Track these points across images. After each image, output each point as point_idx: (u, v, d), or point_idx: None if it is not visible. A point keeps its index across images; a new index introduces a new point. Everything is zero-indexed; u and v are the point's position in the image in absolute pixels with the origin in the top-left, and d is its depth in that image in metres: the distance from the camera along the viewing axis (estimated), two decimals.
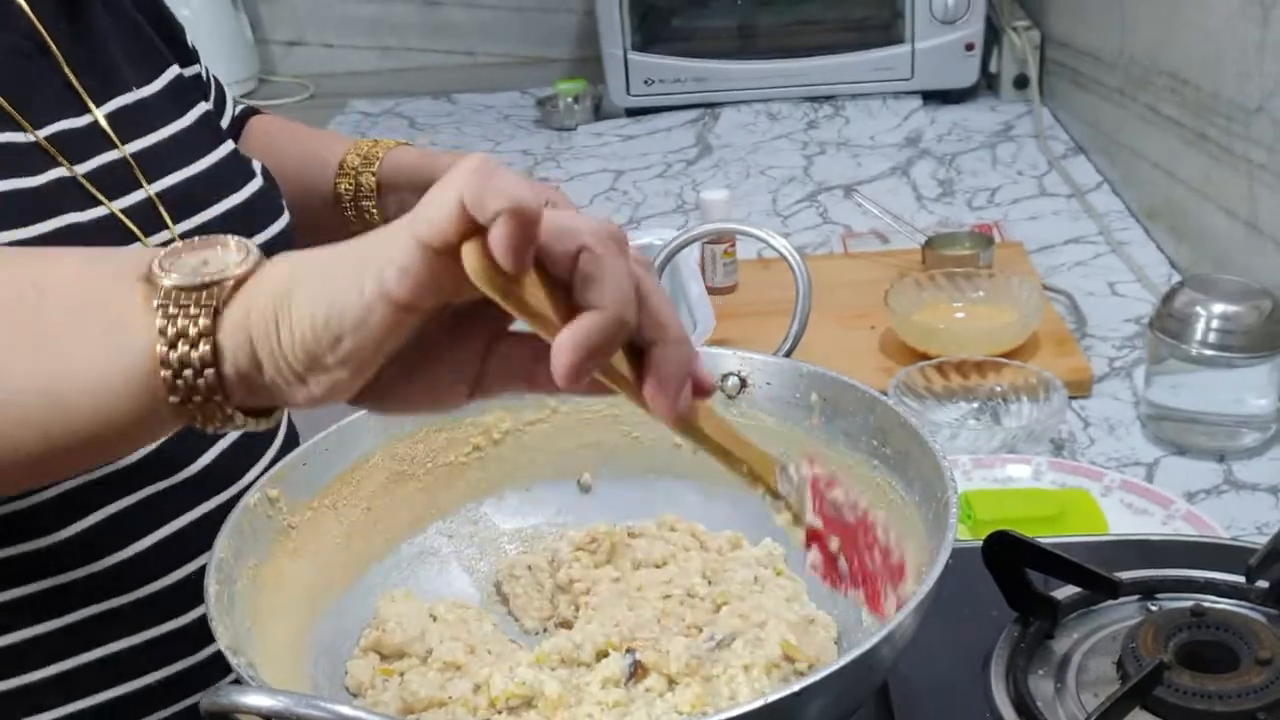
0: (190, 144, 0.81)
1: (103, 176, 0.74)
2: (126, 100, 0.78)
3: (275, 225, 0.84)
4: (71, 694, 0.73)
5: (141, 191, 0.76)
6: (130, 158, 0.76)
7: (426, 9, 2.34)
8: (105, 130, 0.76)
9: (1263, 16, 1.17)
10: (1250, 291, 1.05)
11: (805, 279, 0.80)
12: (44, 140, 0.72)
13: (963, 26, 1.91)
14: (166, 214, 0.76)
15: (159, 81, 0.82)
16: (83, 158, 0.74)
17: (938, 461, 0.63)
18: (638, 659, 0.62)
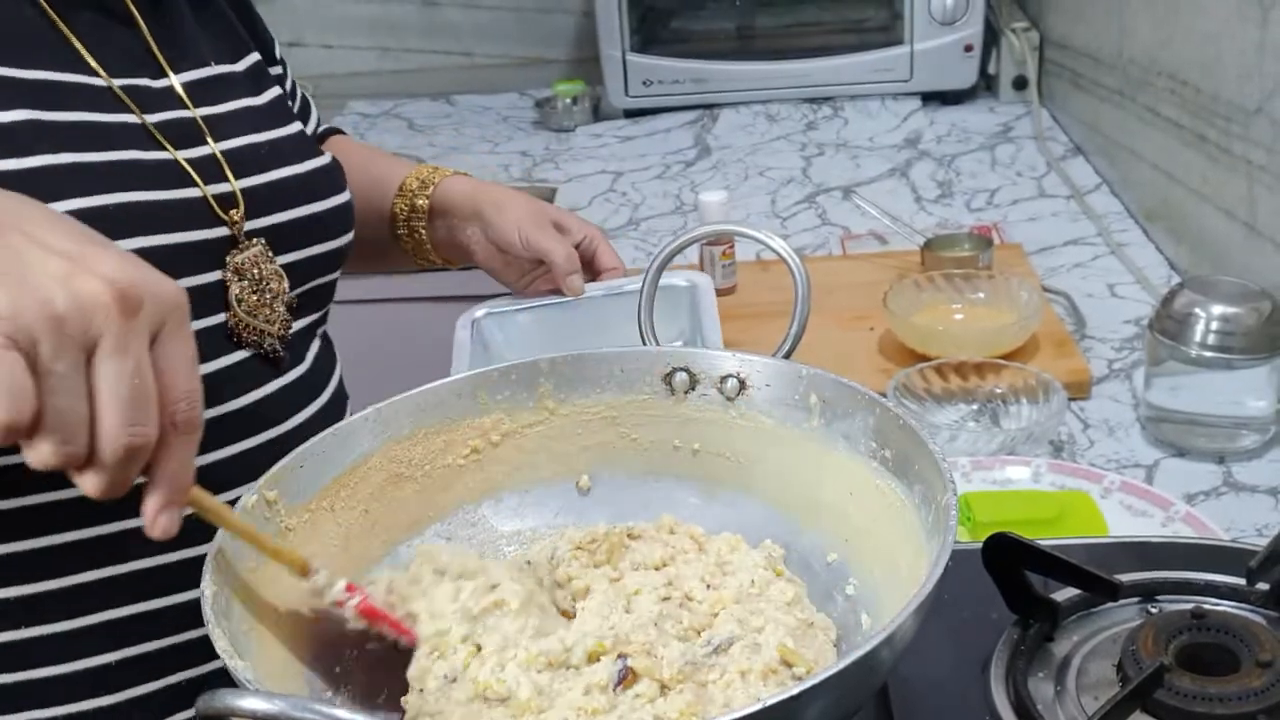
0: (259, 117, 0.85)
1: (171, 128, 0.78)
2: (204, 73, 0.82)
3: (334, 199, 0.87)
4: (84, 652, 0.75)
5: (207, 147, 0.79)
6: (200, 119, 0.80)
7: (425, 10, 2.34)
8: (179, 94, 0.80)
9: (1262, 18, 1.17)
10: (1250, 293, 1.05)
11: (804, 281, 0.80)
12: (118, 88, 0.76)
13: (962, 28, 1.91)
14: (229, 171, 0.80)
15: (240, 63, 0.87)
16: (154, 110, 0.77)
17: (937, 463, 0.63)
18: (628, 665, 0.61)
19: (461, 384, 0.75)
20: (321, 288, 0.88)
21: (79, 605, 0.75)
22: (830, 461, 0.71)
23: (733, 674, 0.62)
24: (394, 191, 1.05)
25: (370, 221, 1.03)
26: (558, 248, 1.01)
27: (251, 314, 0.80)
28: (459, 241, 1.05)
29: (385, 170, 1.07)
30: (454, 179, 1.05)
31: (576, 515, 0.76)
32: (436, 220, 1.05)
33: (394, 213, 1.05)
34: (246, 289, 0.79)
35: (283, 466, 0.67)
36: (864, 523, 0.69)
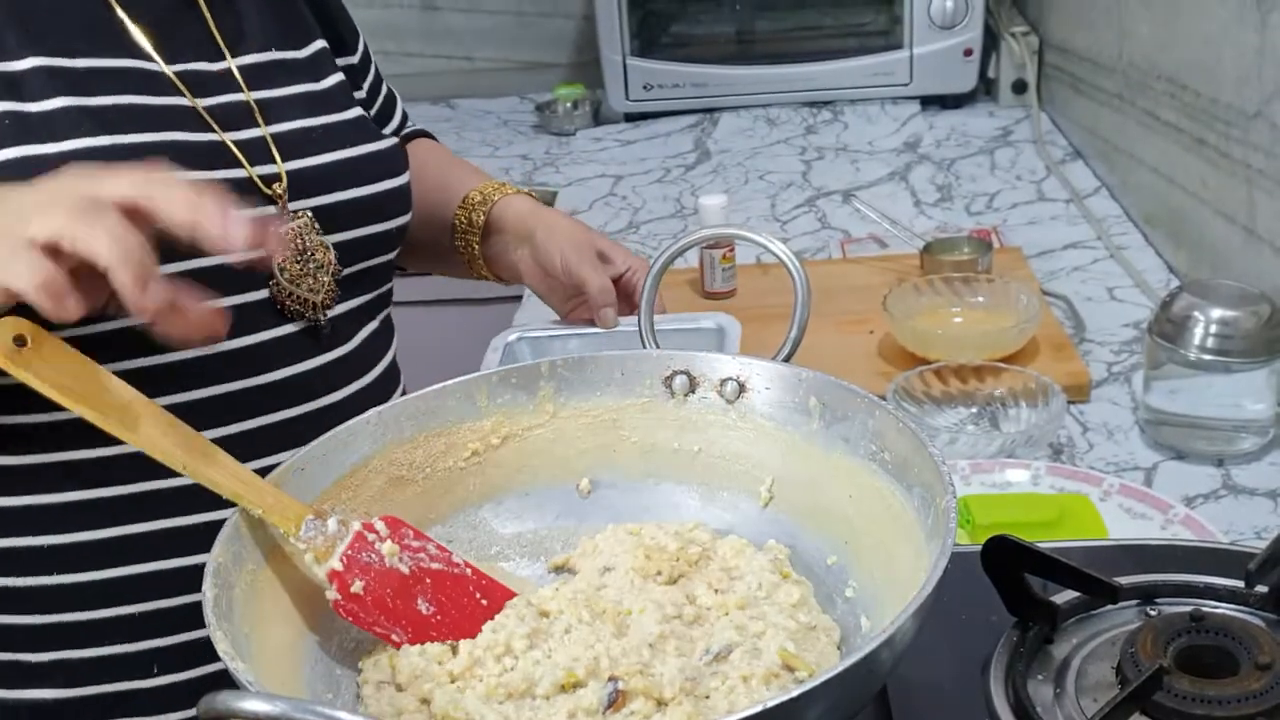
0: (316, 102, 0.87)
1: (222, 112, 0.81)
2: (263, 57, 0.85)
3: (386, 183, 0.89)
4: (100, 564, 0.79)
5: (257, 130, 0.82)
6: (253, 102, 0.82)
7: (426, 14, 2.35)
8: (235, 76, 0.82)
9: (1261, 22, 1.18)
10: (1248, 296, 1.05)
11: (804, 284, 0.80)
12: (173, 74, 0.79)
13: (961, 32, 1.91)
14: (278, 153, 0.82)
15: (304, 50, 0.89)
16: (206, 94, 0.80)
17: (936, 466, 0.63)
18: (619, 688, 0.61)
19: (462, 387, 0.75)
20: (376, 269, 0.90)
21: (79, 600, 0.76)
22: (830, 464, 0.71)
23: (735, 680, 0.62)
24: (458, 202, 1.06)
25: (434, 227, 1.05)
26: (594, 278, 1.01)
27: (294, 283, 0.82)
28: (510, 260, 1.06)
29: (457, 179, 1.08)
30: (513, 198, 1.06)
31: (577, 518, 0.76)
32: (492, 237, 1.06)
33: (454, 224, 1.06)
34: (290, 259, 0.81)
35: (284, 469, 0.68)
36: (864, 525, 0.69)
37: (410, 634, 0.66)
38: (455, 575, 0.69)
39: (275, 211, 0.82)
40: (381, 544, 0.66)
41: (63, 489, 0.78)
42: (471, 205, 1.06)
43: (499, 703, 0.61)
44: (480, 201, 1.05)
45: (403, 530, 0.68)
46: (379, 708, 0.62)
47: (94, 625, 0.80)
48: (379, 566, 0.66)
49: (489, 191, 1.06)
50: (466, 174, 1.10)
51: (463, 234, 1.06)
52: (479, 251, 1.06)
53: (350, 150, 0.87)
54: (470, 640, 0.65)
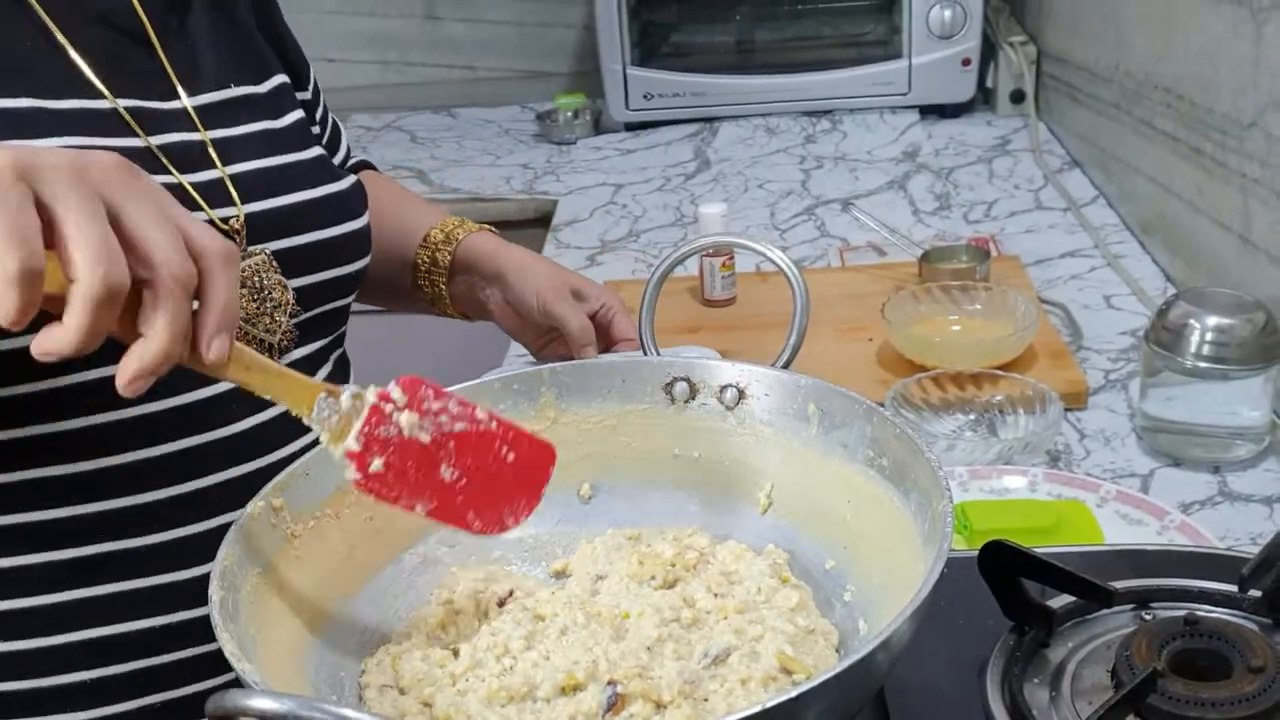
0: (276, 141, 0.85)
1: (177, 151, 0.78)
2: (219, 95, 0.82)
3: (346, 225, 0.87)
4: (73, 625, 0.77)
5: (215, 171, 0.79)
6: (209, 142, 0.80)
7: (427, 24, 2.36)
8: (190, 115, 0.80)
9: (1256, 33, 1.19)
10: (1244, 304, 1.06)
11: (803, 292, 0.81)
12: (123, 109, 0.75)
13: (960, 42, 1.93)
14: (237, 194, 0.80)
15: (264, 85, 0.86)
16: (159, 132, 0.77)
17: (933, 472, 0.64)
18: (618, 691, 0.62)
19: (466, 393, 0.76)
20: (334, 312, 0.88)
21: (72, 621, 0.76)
22: (828, 470, 0.72)
23: (733, 682, 0.63)
24: (418, 241, 1.05)
25: (393, 267, 1.04)
26: (573, 318, 1.00)
27: (250, 321, 0.80)
28: (478, 299, 1.05)
29: (413, 218, 1.06)
30: (478, 236, 1.05)
31: (578, 523, 0.77)
32: (457, 276, 1.04)
33: (416, 263, 1.04)
34: (245, 298, 0.79)
35: (289, 474, 0.68)
36: (862, 530, 0.70)
37: (435, 504, 0.65)
38: (481, 433, 0.66)
39: None
40: (400, 414, 0.63)
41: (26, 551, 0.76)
42: (434, 244, 1.04)
43: (500, 705, 0.62)
44: (444, 240, 1.04)
45: (421, 393, 0.64)
46: (382, 709, 0.63)
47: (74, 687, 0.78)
48: (398, 439, 0.63)
49: (450, 229, 1.05)
50: (421, 210, 1.08)
51: (426, 274, 1.04)
52: (445, 291, 1.04)
53: (309, 192, 0.85)
54: (470, 643, 0.66)
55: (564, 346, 1.03)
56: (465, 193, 1.90)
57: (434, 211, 1.09)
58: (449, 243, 1.04)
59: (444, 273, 1.04)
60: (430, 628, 0.69)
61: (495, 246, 1.04)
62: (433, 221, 1.06)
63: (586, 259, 1.62)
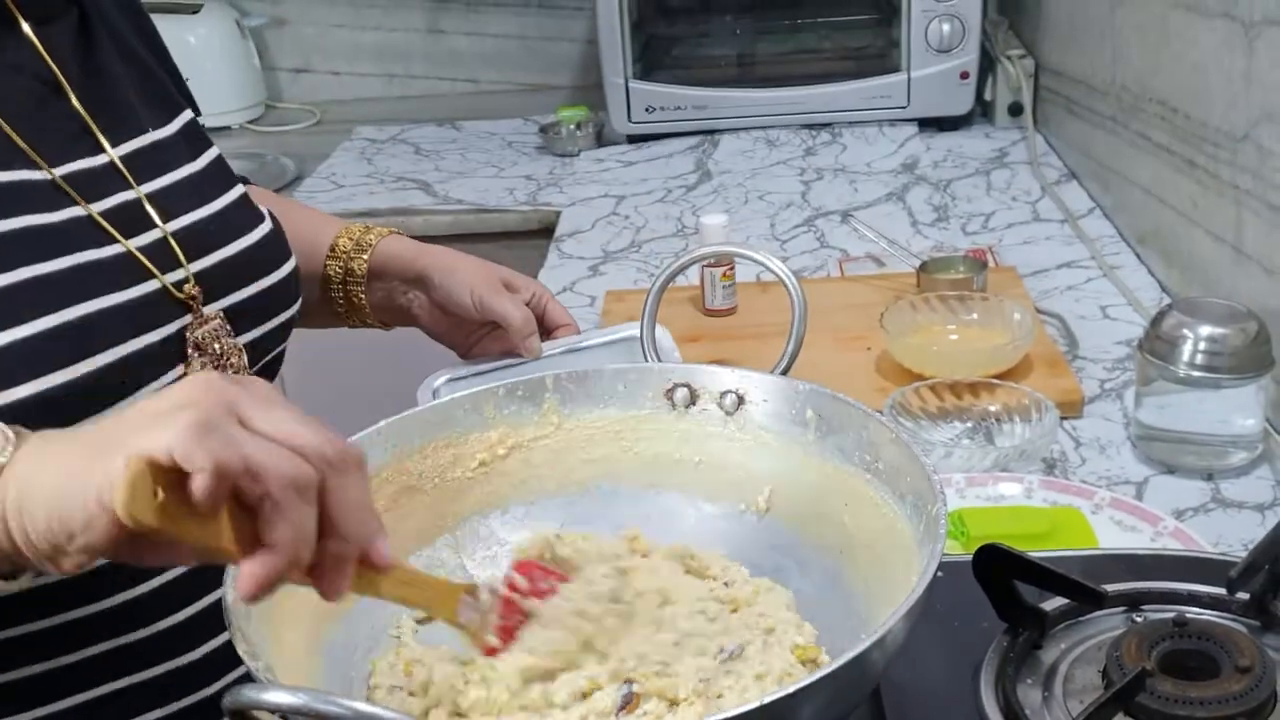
0: (203, 187, 0.83)
1: (119, 215, 0.76)
2: (141, 142, 0.80)
3: (284, 268, 0.87)
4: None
5: (157, 231, 0.78)
6: (145, 197, 0.78)
7: (431, 38, 2.38)
8: (121, 170, 0.78)
9: (1247, 47, 1.20)
10: (1236, 314, 1.07)
11: (800, 299, 0.83)
12: (60, 179, 0.74)
13: (958, 55, 1.94)
14: (181, 253, 0.78)
15: (174, 125, 0.84)
16: (98, 196, 0.76)
17: (928, 475, 0.66)
18: (633, 690, 0.63)
19: (469, 400, 0.78)
20: (277, 357, 0.88)
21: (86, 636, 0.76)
22: (826, 474, 0.74)
23: (748, 679, 0.64)
24: (325, 253, 1.01)
25: (303, 284, 0.96)
26: (514, 311, 0.97)
27: None
28: (398, 304, 1.01)
29: (314, 231, 1.02)
30: (391, 240, 1.01)
31: (581, 526, 0.78)
32: (374, 283, 1.01)
33: (327, 275, 1.01)
34: (208, 364, 0.78)
35: None
36: (858, 532, 0.72)
37: None
38: None
39: (190, 319, 0.77)
40: (526, 601, 0.66)
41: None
42: (345, 254, 1.00)
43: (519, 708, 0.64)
44: (355, 249, 1.00)
45: (533, 575, 0.67)
46: None
47: None
48: (521, 620, 0.66)
49: (358, 236, 1.01)
50: (320, 223, 1.04)
51: (340, 284, 1.01)
52: (364, 300, 1.01)
53: (246, 239, 0.84)
54: None
55: (496, 344, 1.00)
56: (469, 204, 1.92)
57: (332, 220, 1.05)
58: (362, 250, 1.00)
59: (360, 281, 1.00)
60: None
61: (414, 249, 1.01)
62: (334, 230, 1.02)
63: (589, 269, 1.64)
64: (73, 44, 0.79)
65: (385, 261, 1.00)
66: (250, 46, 2.28)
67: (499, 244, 1.84)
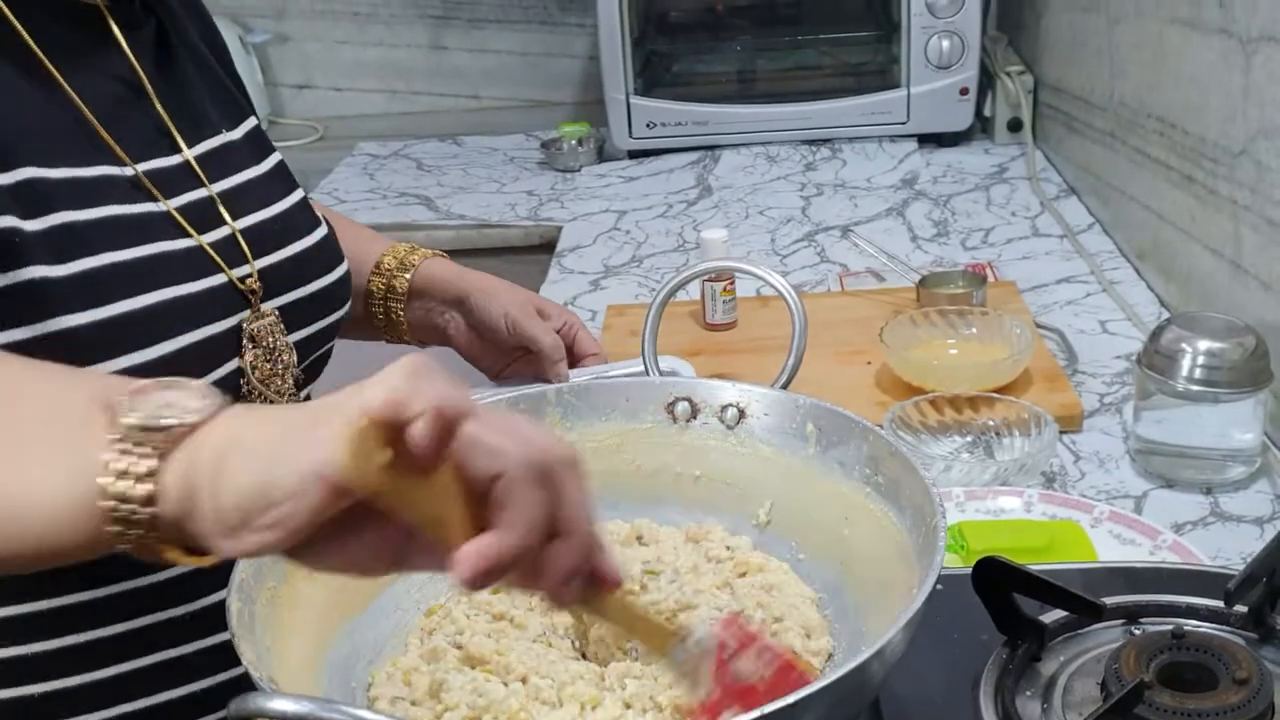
0: (267, 189, 0.87)
1: (191, 211, 0.80)
2: (214, 143, 0.84)
3: (337, 270, 0.90)
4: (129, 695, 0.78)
5: (226, 228, 0.82)
6: (216, 196, 0.82)
7: (433, 54, 2.40)
8: (195, 169, 0.82)
9: (1245, 63, 1.21)
10: (1234, 329, 1.08)
11: (801, 314, 0.84)
12: (141, 174, 0.78)
13: (957, 72, 1.95)
14: (247, 249, 0.82)
15: (241, 129, 0.89)
16: (174, 193, 0.80)
17: (927, 488, 0.66)
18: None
19: None
20: (322, 357, 0.90)
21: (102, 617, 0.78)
22: (826, 487, 0.74)
23: None
24: (370, 269, 1.05)
25: None
26: (544, 336, 1.01)
27: (264, 383, 0.81)
28: (436, 324, 1.05)
29: (363, 246, 1.07)
30: (434, 261, 1.05)
31: None
32: (414, 302, 1.05)
33: (370, 290, 1.05)
34: (260, 357, 0.80)
35: None
36: (859, 545, 0.72)
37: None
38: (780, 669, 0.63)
39: (247, 313, 0.80)
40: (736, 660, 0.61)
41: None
42: (389, 271, 1.05)
43: None
44: (398, 267, 1.05)
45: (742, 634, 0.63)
46: None
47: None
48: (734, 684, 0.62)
49: (403, 255, 1.05)
50: (368, 238, 1.09)
51: (381, 300, 1.05)
52: (402, 317, 1.05)
53: (305, 241, 0.88)
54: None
55: (528, 367, 1.03)
56: (471, 219, 1.93)
57: (379, 238, 1.09)
58: (405, 269, 1.04)
59: (401, 299, 1.04)
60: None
61: (455, 271, 1.05)
62: (382, 248, 1.07)
63: (590, 284, 1.65)
64: (153, 50, 0.83)
65: (426, 282, 1.05)
66: (254, 62, 2.29)
67: (500, 259, 1.85)
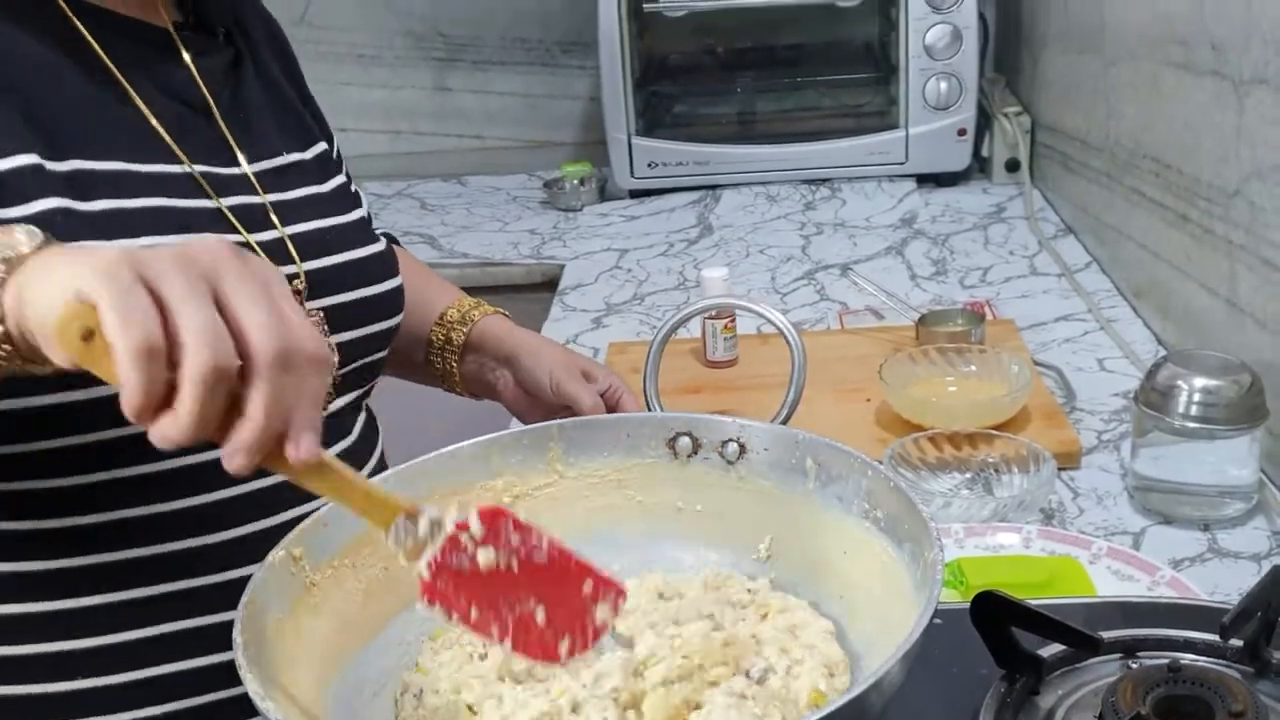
0: (324, 205, 0.91)
1: (242, 213, 0.84)
2: (274, 162, 0.89)
3: (388, 283, 0.93)
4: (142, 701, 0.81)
5: (275, 231, 0.85)
6: (269, 204, 0.86)
7: (438, 95, 2.42)
8: (251, 180, 0.86)
9: (1238, 105, 1.23)
10: (1230, 366, 1.09)
11: (800, 350, 0.85)
12: (196, 173, 0.82)
13: (955, 113, 1.98)
14: (296, 253, 0.85)
15: (309, 152, 0.93)
16: (226, 195, 0.83)
17: (925, 522, 0.67)
18: None
19: (475, 448, 0.80)
20: (369, 365, 0.93)
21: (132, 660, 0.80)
22: (825, 522, 0.75)
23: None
24: (435, 318, 1.09)
25: (407, 339, 1.06)
26: (586, 397, 1.03)
27: None
28: (487, 379, 1.09)
29: (431, 294, 1.11)
30: (492, 319, 1.09)
31: None
32: (469, 355, 1.08)
33: (430, 339, 1.09)
34: None
35: (309, 524, 0.71)
36: (857, 579, 0.73)
37: (504, 635, 0.65)
38: (555, 567, 0.66)
39: None
40: (478, 549, 0.64)
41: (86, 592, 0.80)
42: (450, 324, 1.08)
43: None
44: (459, 320, 1.08)
45: (499, 524, 0.65)
46: None
47: None
48: (470, 571, 0.64)
49: (466, 310, 1.09)
50: (438, 287, 1.13)
51: (439, 350, 1.08)
52: (457, 369, 1.08)
53: (358, 251, 0.91)
54: None
55: None
56: (474, 258, 1.95)
57: (450, 290, 1.13)
58: (464, 323, 1.08)
59: (457, 351, 1.08)
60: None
61: (507, 329, 1.09)
62: (449, 300, 1.11)
63: (592, 321, 1.66)
64: (224, 77, 0.88)
65: (481, 338, 1.08)
66: None
67: (503, 297, 1.86)
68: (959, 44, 1.94)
